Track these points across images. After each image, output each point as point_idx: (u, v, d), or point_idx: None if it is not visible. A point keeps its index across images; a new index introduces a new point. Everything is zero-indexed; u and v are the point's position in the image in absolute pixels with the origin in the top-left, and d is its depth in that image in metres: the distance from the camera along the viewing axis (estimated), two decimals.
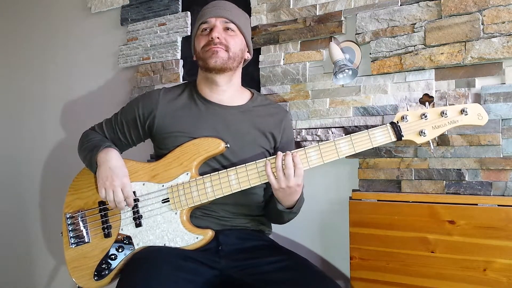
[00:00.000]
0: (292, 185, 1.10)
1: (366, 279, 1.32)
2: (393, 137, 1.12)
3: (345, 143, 1.13)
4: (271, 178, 1.11)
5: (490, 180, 1.24)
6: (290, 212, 1.20)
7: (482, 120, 1.10)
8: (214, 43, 1.23)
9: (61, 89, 2.14)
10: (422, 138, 1.11)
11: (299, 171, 1.10)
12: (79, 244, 1.26)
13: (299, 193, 1.16)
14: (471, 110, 1.09)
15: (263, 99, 1.39)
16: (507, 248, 1.15)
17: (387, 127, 1.13)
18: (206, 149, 1.22)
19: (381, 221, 1.30)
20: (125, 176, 1.21)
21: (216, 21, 1.26)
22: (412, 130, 1.12)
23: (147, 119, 1.31)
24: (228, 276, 1.17)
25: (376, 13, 1.39)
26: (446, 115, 1.10)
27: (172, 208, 1.20)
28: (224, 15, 1.26)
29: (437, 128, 1.11)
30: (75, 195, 1.31)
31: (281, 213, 1.21)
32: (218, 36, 1.24)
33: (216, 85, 1.30)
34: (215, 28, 1.25)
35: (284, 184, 1.10)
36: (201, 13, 1.31)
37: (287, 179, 1.10)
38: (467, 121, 1.10)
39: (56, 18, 2.17)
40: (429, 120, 1.11)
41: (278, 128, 1.33)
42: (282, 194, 1.14)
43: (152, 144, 1.37)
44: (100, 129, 1.38)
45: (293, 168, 1.09)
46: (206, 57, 1.25)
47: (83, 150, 1.32)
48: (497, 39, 1.21)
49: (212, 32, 1.24)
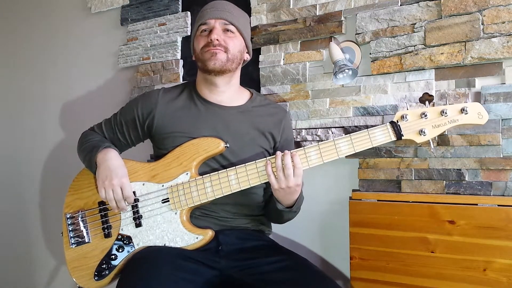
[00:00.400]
0: (292, 185, 1.11)
1: (366, 279, 1.32)
2: (393, 137, 1.12)
3: (344, 142, 1.13)
4: (272, 178, 1.12)
5: (490, 180, 1.24)
6: (290, 211, 1.21)
7: (483, 119, 1.09)
8: (213, 44, 1.23)
9: (61, 89, 2.14)
10: (422, 137, 1.11)
11: (298, 171, 1.10)
12: (79, 244, 1.26)
13: (298, 193, 1.16)
14: (471, 109, 1.09)
15: (262, 99, 1.39)
16: (507, 248, 1.15)
17: (387, 126, 1.13)
18: (205, 149, 1.22)
19: (381, 221, 1.30)
20: (124, 176, 1.21)
21: (215, 23, 1.25)
22: (412, 130, 1.11)
23: (146, 120, 1.31)
24: (228, 276, 1.17)
25: (376, 13, 1.39)
26: (446, 114, 1.09)
27: (172, 208, 1.20)
28: (223, 17, 1.26)
29: (437, 127, 1.10)
30: (75, 195, 1.31)
31: (281, 213, 1.21)
32: (217, 38, 1.23)
33: (215, 86, 1.30)
34: (214, 29, 1.25)
35: (284, 184, 1.11)
36: (200, 14, 1.31)
37: (287, 179, 1.10)
38: (467, 120, 1.09)
39: (56, 18, 2.17)
40: (429, 119, 1.10)
41: (277, 128, 1.33)
42: (281, 194, 1.14)
43: (152, 144, 1.37)
44: (100, 130, 1.38)
45: (292, 168, 1.10)
46: (205, 58, 1.25)
47: (82, 151, 1.32)
48: (497, 39, 1.21)
49: (211, 34, 1.24)
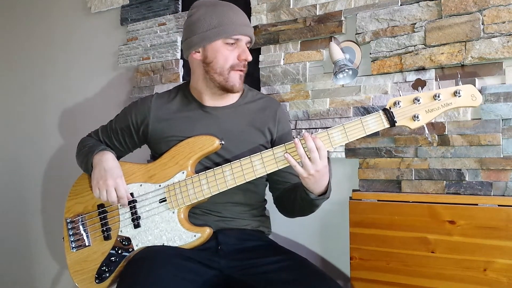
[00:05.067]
0: (320, 168, 1.06)
1: (366, 279, 1.32)
2: (386, 124, 1.08)
3: (337, 132, 1.09)
4: (298, 168, 1.07)
5: (490, 180, 1.23)
6: (323, 197, 1.14)
7: (476, 101, 1.06)
8: (244, 65, 1.22)
9: (61, 89, 2.14)
10: (416, 123, 1.07)
11: (323, 152, 1.06)
12: (79, 248, 1.27)
13: (328, 175, 1.12)
14: (464, 91, 1.06)
15: (254, 94, 1.37)
16: (507, 248, 1.15)
17: (380, 113, 1.09)
18: (201, 147, 1.21)
19: (381, 221, 1.30)
20: (119, 177, 1.21)
21: (244, 39, 1.22)
22: (405, 115, 1.08)
23: (140, 126, 1.31)
24: (228, 276, 1.17)
25: (376, 13, 1.39)
26: (439, 98, 1.06)
27: (170, 208, 1.20)
28: (250, 35, 1.24)
29: (430, 111, 1.07)
30: (75, 200, 1.32)
31: (313, 202, 1.15)
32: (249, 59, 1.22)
33: (222, 97, 1.29)
34: (246, 50, 1.22)
35: (313, 170, 1.06)
36: (224, 19, 1.20)
37: (314, 163, 1.05)
38: (461, 103, 1.06)
39: (56, 18, 2.17)
40: (422, 104, 1.07)
41: (272, 121, 1.32)
42: (312, 181, 1.09)
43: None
44: (96, 136, 1.40)
45: (316, 151, 1.05)
46: (234, 80, 1.22)
47: (79, 156, 1.34)
48: (497, 39, 1.21)
49: (246, 55, 1.21)
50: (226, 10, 1.22)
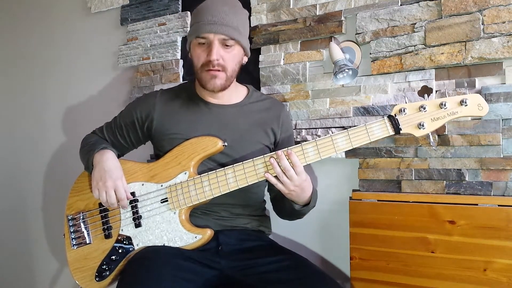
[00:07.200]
0: (298, 183, 1.09)
1: (366, 279, 1.32)
2: (391, 131, 1.08)
3: (342, 138, 1.10)
4: (279, 185, 1.10)
5: (490, 180, 1.23)
6: (308, 207, 1.20)
7: (483, 110, 1.05)
8: (212, 65, 1.17)
9: (61, 89, 2.14)
10: (421, 131, 1.07)
11: (299, 169, 1.08)
12: (80, 246, 1.26)
13: (309, 187, 1.14)
14: (471, 100, 1.05)
15: (259, 95, 1.38)
16: (507, 248, 1.15)
17: (385, 120, 1.09)
18: (203, 148, 1.21)
19: (381, 221, 1.30)
20: (119, 178, 1.20)
21: (214, 38, 1.16)
22: (410, 123, 1.08)
23: (145, 122, 1.31)
24: (228, 276, 1.17)
25: (376, 13, 1.39)
26: (445, 106, 1.06)
27: (171, 208, 1.20)
28: (222, 32, 1.16)
29: (436, 120, 1.07)
30: (77, 197, 1.32)
31: (300, 211, 1.21)
32: (216, 58, 1.17)
33: (215, 94, 1.28)
34: (213, 48, 1.16)
35: (292, 186, 1.09)
36: (197, 18, 1.20)
37: (292, 180, 1.09)
38: (467, 112, 1.06)
39: (56, 18, 2.17)
40: (428, 112, 1.07)
41: (276, 123, 1.32)
42: (294, 195, 1.13)
43: (152, 145, 1.37)
44: (101, 133, 1.39)
45: (292, 169, 1.08)
46: (205, 79, 1.20)
47: (82, 153, 1.34)
48: (497, 39, 1.21)
49: (211, 54, 1.16)
50: (206, 7, 1.20)
